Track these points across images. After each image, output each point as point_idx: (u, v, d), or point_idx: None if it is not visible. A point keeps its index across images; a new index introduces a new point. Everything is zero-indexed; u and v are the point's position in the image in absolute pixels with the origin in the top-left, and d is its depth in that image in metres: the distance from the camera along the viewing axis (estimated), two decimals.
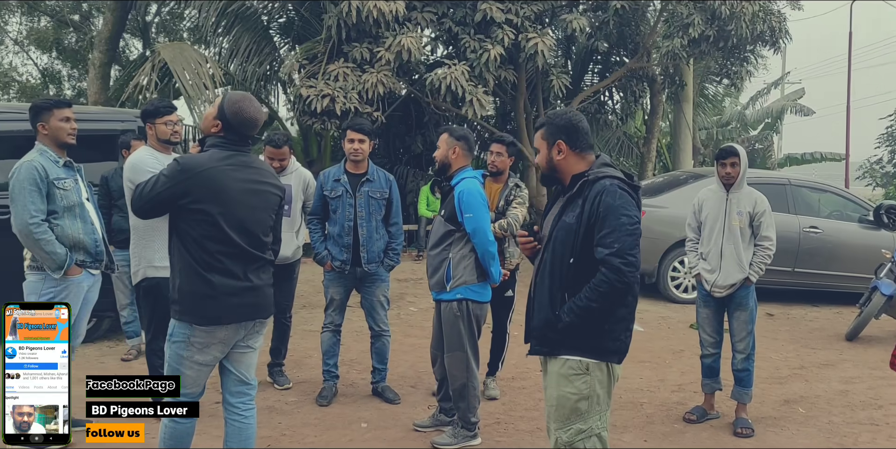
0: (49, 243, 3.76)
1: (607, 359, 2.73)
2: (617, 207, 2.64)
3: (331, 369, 5.06)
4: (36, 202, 3.74)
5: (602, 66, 12.74)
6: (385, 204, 4.92)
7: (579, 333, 2.69)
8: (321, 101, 8.53)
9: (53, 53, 16.33)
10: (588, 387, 2.69)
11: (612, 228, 2.63)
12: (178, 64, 8.60)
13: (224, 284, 3.10)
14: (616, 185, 2.69)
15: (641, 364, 6.17)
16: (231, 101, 3.15)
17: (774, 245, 4.70)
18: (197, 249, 3.07)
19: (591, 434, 2.71)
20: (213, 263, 3.08)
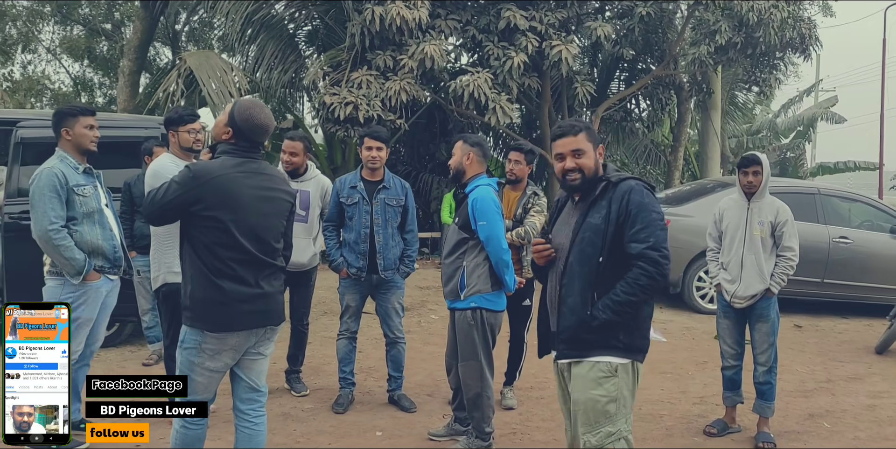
0: (68, 249, 3.79)
1: (636, 357, 2.80)
2: (647, 204, 2.75)
3: (347, 377, 5.05)
4: (56, 208, 3.78)
5: (629, 73, 12.65)
6: (401, 211, 4.92)
7: (613, 331, 2.74)
8: (344, 109, 8.57)
9: (85, 62, 16.65)
10: (616, 389, 2.74)
11: (646, 224, 2.72)
12: (203, 72, 8.70)
13: (235, 291, 3.10)
14: (641, 185, 2.82)
15: (663, 375, 6.08)
16: (241, 107, 3.16)
17: (797, 256, 4.61)
18: (208, 256, 3.08)
19: (620, 436, 2.75)
20: (224, 269, 3.08)
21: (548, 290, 2.97)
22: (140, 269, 5.59)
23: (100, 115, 4.43)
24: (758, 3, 9.51)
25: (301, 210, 5.06)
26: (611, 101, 11.52)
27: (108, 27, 15.68)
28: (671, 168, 13.00)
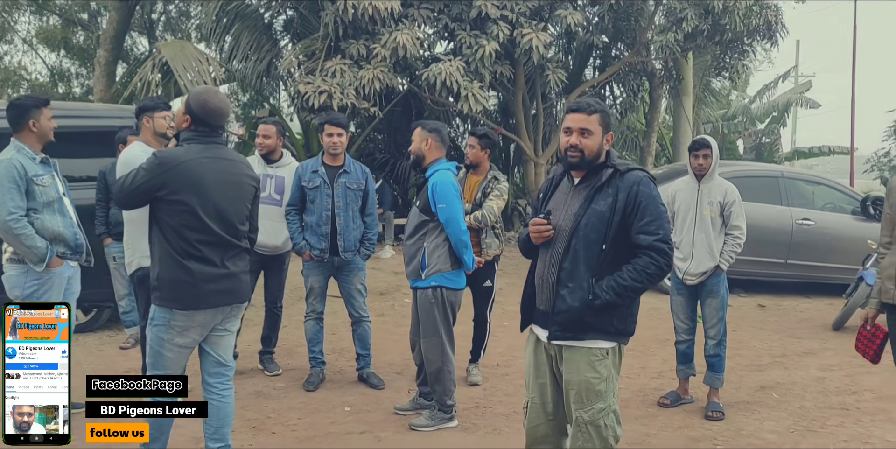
0: (29, 238, 3.86)
1: (624, 340, 2.96)
2: (655, 197, 2.84)
3: (317, 356, 5.24)
4: (15, 199, 3.82)
5: (602, 60, 12.83)
6: (361, 195, 5.09)
7: (609, 317, 2.85)
8: (318, 98, 8.70)
9: (62, 52, 16.60)
10: (607, 370, 2.88)
11: (655, 217, 2.82)
12: (178, 62, 8.79)
13: (202, 271, 3.28)
14: (648, 177, 2.90)
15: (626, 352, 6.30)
16: (196, 94, 3.35)
17: (744, 234, 4.83)
18: (175, 238, 3.25)
19: (610, 410, 2.91)
20: (190, 251, 3.26)
21: (539, 269, 3.02)
22: (115, 255, 5.74)
23: (74, 105, 4.56)
24: None
25: (276, 194, 5.25)
26: (583, 88, 11.70)
27: (84, 17, 15.67)
28: (644, 153, 13.22)
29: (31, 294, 3.96)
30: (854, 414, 4.90)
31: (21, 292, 3.96)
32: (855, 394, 5.32)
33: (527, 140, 11.59)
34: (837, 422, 4.74)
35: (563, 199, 3.01)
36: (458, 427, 4.44)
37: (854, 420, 4.78)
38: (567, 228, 2.92)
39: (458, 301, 4.47)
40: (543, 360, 3.05)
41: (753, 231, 8.74)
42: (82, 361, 5.60)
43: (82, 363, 5.52)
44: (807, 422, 4.72)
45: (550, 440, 3.08)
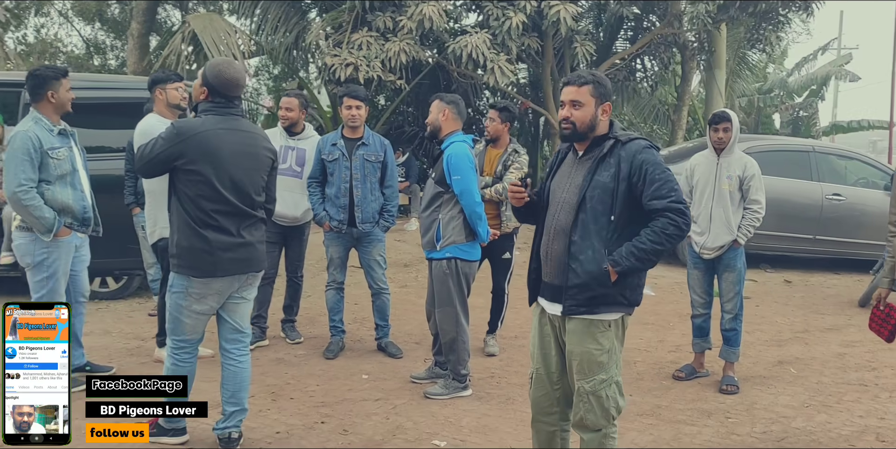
0: (37, 209, 3.94)
1: (630, 311, 2.95)
2: (659, 162, 2.83)
3: (337, 325, 5.35)
4: (27, 171, 3.89)
5: (633, 32, 12.63)
6: (380, 167, 5.15)
7: (621, 288, 2.84)
8: (345, 70, 8.73)
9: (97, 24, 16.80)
10: (609, 342, 2.89)
11: (664, 181, 2.79)
12: (207, 34, 8.87)
13: (218, 240, 3.37)
14: (650, 145, 2.89)
15: (645, 326, 6.33)
16: (211, 66, 3.41)
17: (763, 208, 4.79)
18: (193, 208, 3.34)
19: (612, 382, 2.92)
20: (207, 220, 3.35)
21: (543, 242, 3.02)
22: (143, 224, 5.87)
23: (104, 77, 4.64)
24: None
25: (297, 166, 5.32)
26: (612, 60, 11.56)
27: None
28: (675, 127, 13.04)
29: (42, 262, 4.07)
30: (872, 390, 4.87)
31: (32, 260, 4.08)
32: (875, 370, 5.29)
33: (555, 114, 11.50)
34: (854, 398, 4.72)
35: (568, 172, 3.02)
36: (473, 396, 4.52)
37: (871, 396, 4.76)
38: (572, 201, 2.92)
39: (473, 272, 4.52)
40: (549, 331, 3.09)
41: (783, 206, 8.75)
42: (112, 328, 5.80)
43: (112, 331, 5.72)
44: (823, 397, 4.72)
45: (555, 410, 3.13)
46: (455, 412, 4.27)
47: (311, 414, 4.17)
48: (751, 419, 4.32)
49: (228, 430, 3.59)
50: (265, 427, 3.96)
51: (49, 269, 4.07)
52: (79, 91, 6.07)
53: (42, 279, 4.08)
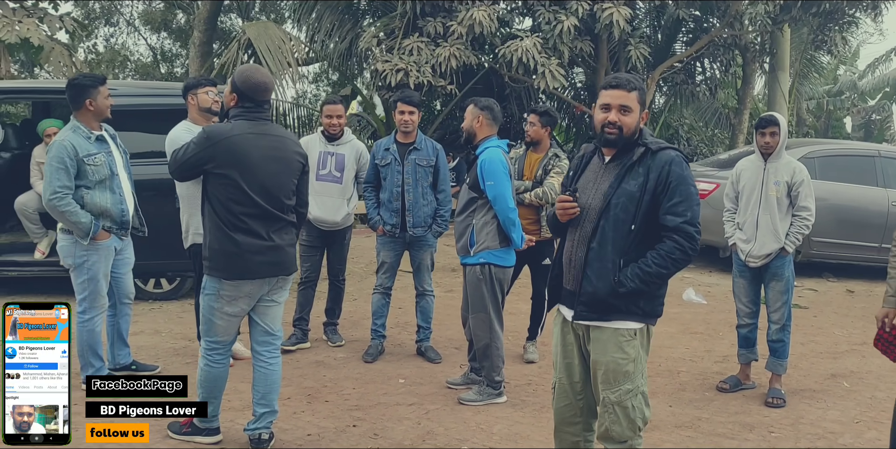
0: (73, 214, 4.06)
1: (653, 321, 2.88)
2: (686, 177, 2.76)
3: (378, 329, 5.37)
4: (62, 179, 4.02)
5: (692, 34, 12.34)
6: (432, 171, 5.16)
7: (635, 299, 2.79)
8: (395, 76, 8.80)
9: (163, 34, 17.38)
10: (636, 351, 2.84)
11: (684, 198, 2.74)
12: (262, 42, 9.07)
13: (248, 243, 3.42)
14: (681, 157, 2.82)
15: (693, 335, 6.17)
16: (239, 72, 3.48)
17: (813, 215, 4.62)
18: (223, 211, 3.41)
19: (638, 392, 2.87)
20: (237, 223, 3.41)
21: (567, 248, 2.98)
22: None
23: (155, 84, 4.74)
24: None
25: (336, 172, 5.38)
26: (668, 63, 11.32)
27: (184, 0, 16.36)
28: (736, 131, 12.70)
29: (82, 264, 4.21)
30: None
31: (73, 261, 4.22)
32: None
33: None
34: None
35: (594, 178, 2.95)
36: (507, 403, 4.47)
37: None
38: (597, 207, 2.86)
39: (507, 278, 4.48)
40: (571, 339, 3.02)
41: (846, 213, 8.42)
42: (162, 328, 5.96)
43: (162, 331, 5.87)
44: (875, 413, 4.51)
45: (578, 420, 3.07)
46: (487, 419, 4.23)
47: (344, 417, 4.19)
48: (795, 434, 4.15)
49: (259, 431, 3.64)
50: (297, 429, 4.00)
51: (89, 271, 4.21)
52: (131, 98, 6.44)
53: (83, 281, 4.22)
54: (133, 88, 7.20)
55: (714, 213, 8.51)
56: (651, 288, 2.77)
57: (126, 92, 6.68)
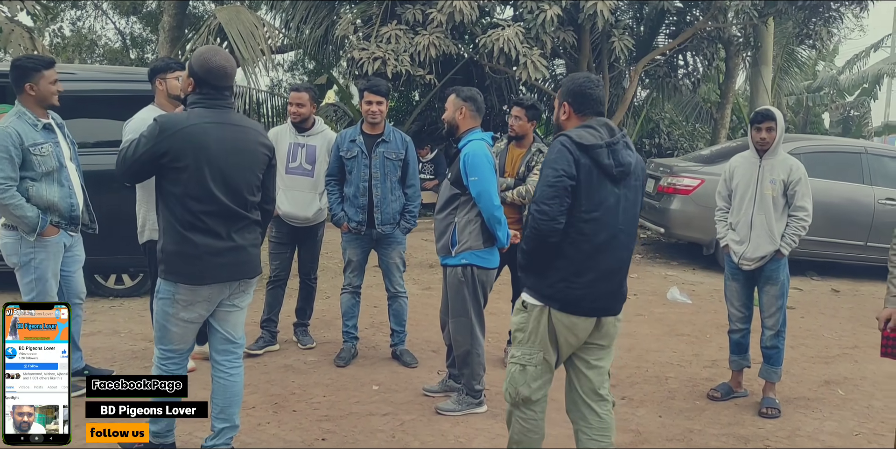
0: (18, 208, 3.73)
1: (546, 302, 2.95)
2: (549, 161, 2.89)
3: (350, 331, 5.09)
4: (5, 170, 3.69)
5: (675, 27, 12.09)
6: (401, 165, 4.86)
7: (527, 273, 3.03)
8: (372, 64, 8.46)
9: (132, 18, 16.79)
10: (524, 321, 3.00)
11: (540, 180, 2.92)
12: (233, 27, 8.66)
13: (206, 244, 3.11)
14: (559, 142, 2.89)
15: (679, 337, 5.95)
16: (196, 55, 3.16)
17: (810, 216, 4.39)
18: (179, 209, 3.09)
19: (518, 363, 3.04)
20: (194, 222, 3.09)
21: None
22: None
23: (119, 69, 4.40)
24: None
25: (307, 164, 5.07)
26: (652, 56, 11.07)
27: None
28: (718, 126, 12.50)
29: (28, 262, 3.87)
30: None
31: (18, 259, 3.88)
32: None
33: None
34: None
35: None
36: (487, 413, 4.21)
37: None
38: None
39: (490, 281, 4.20)
40: None
41: (832, 210, 8.25)
42: (121, 327, 5.62)
43: (121, 331, 5.53)
44: (874, 424, 4.31)
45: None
46: (467, 431, 3.97)
47: (313, 429, 3.90)
48: (792, 448, 3.93)
49: (218, 448, 3.33)
50: (261, 442, 3.71)
51: (36, 270, 3.86)
52: (92, 83, 6.08)
53: (30, 281, 3.88)
54: (94, 73, 6.83)
55: (698, 210, 8.36)
56: (526, 261, 3.00)
57: (86, 77, 6.36)
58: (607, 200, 2.87)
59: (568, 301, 2.91)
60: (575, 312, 2.92)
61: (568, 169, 2.80)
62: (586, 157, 2.82)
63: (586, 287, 2.90)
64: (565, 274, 2.89)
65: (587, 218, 2.85)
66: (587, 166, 2.82)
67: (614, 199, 2.88)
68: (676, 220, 8.59)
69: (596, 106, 2.99)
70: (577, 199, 2.83)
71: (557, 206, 2.80)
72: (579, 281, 2.89)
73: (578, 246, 2.87)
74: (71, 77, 5.94)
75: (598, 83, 3.02)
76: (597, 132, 2.89)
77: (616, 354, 5.41)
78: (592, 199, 2.84)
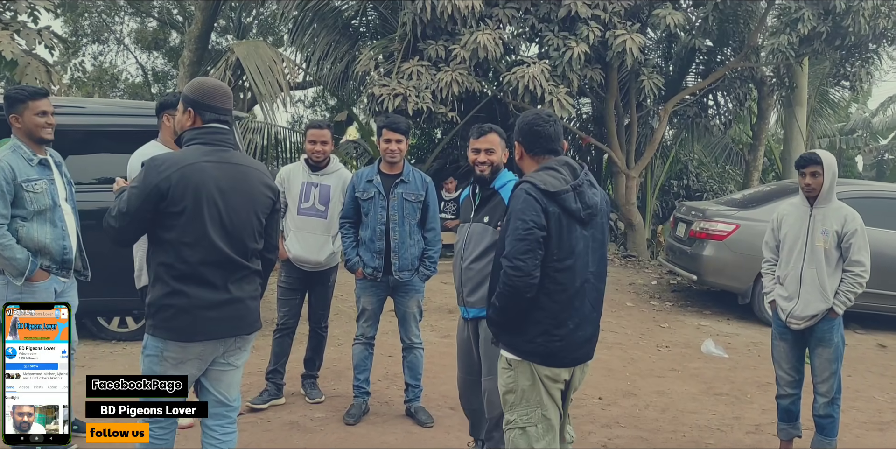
0: (7, 248, 3.45)
1: (528, 358, 2.83)
2: (516, 212, 2.74)
3: (361, 385, 4.72)
4: None
5: (705, 66, 11.83)
6: (421, 207, 4.54)
7: (502, 329, 2.87)
8: (393, 101, 8.23)
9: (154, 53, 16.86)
10: (513, 381, 2.85)
11: (509, 232, 2.75)
12: (251, 62, 8.50)
13: (200, 296, 2.80)
14: (523, 190, 2.75)
15: (717, 397, 5.49)
16: (188, 85, 2.93)
17: (867, 271, 3.98)
18: (172, 257, 2.78)
19: (515, 427, 2.86)
20: (189, 271, 2.78)
21: None
22: None
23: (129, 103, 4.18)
24: None
25: (320, 205, 4.77)
26: (682, 95, 10.77)
27: (179, 19, 15.86)
28: (750, 168, 12.10)
29: None
30: None
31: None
32: None
33: (618, 151, 10.78)
34: None
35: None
36: None
37: None
38: None
39: None
40: None
41: (875, 259, 7.67)
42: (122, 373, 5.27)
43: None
44: None
45: None
46: None
47: None
48: None
49: None
50: None
51: None
52: (100, 118, 5.87)
53: None
54: (103, 107, 6.63)
55: (733, 256, 7.95)
56: (499, 318, 2.83)
57: (96, 110, 6.16)
58: (578, 246, 2.77)
59: (549, 354, 2.81)
60: (557, 364, 2.83)
61: (537, 220, 2.69)
62: (554, 205, 2.72)
63: (566, 337, 2.81)
64: (545, 327, 2.79)
65: (560, 267, 2.75)
66: (556, 214, 2.72)
67: (584, 244, 2.80)
68: (709, 267, 8.15)
69: (548, 143, 2.90)
70: (549, 249, 2.72)
71: (531, 260, 2.69)
72: (558, 333, 2.80)
73: (554, 296, 2.76)
74: (79, 111, 5.77)
75: (549, 119, 2.93)
76: (560, 174, 2.78)
77: (650, 415, 5.02)
78: (563, 246, 2.74)
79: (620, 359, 6.40)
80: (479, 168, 3.76)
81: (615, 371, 5.95)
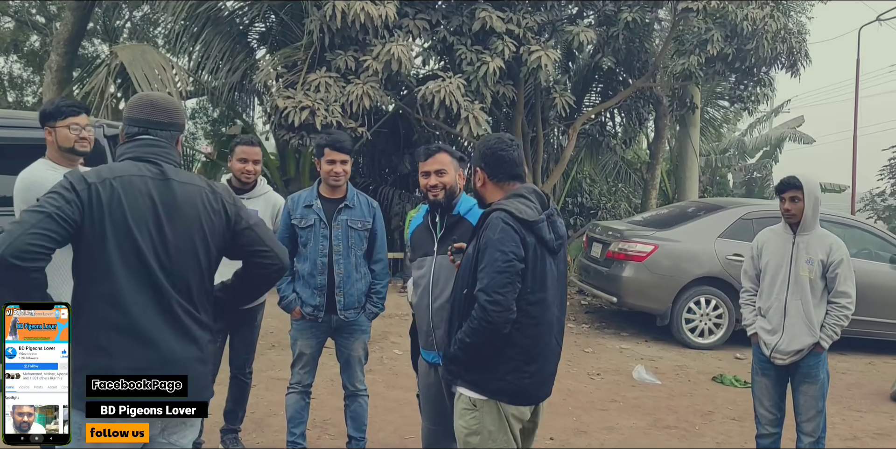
0: None
1: (495, 397, 2.66)
2: (494, 242, 2.57)
3: (297, 440, 4.09)
4: None
5: (604, 85, 11.90)
6: (367, 236, 3.99)
7: (467, 367, 2.67)
8: (299, 114, 7.58)
9: (12, 57, 15.23)
10: (478, 423, 2.67)
11: (486, 264, 2.57)
12: (138, 68, 7.60)
13: (127, 355, 2.24)
14: (500, 218, 2.60)
15: (666, 430, 5.23)
16: (129, 102, 2.30)
17: (853, 303, 3.81)
18: (95, 298, 2.15)
19: None
20: (113, 320, 2.16)
21: None
22: None
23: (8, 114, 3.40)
24: (753, 11, 8.81)
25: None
26: (589, 114, 10.75)
27: (41, 20, 14.38)
28: (648, 187, 12.24)
29: None
30: None
31: None
32: None
33: (526, 169, 10.55)
34: None
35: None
36: None
37: None
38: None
39: None
40: None
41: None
42: None
43: None
44: None
45: None
46: None
47: None
48: None
49: None
50: None
51: None
52: None
53: None
54: None
55: (653, 278, 7.84)
56: (466, 355, 2.64)
57: None
58: (547, 277, 2.64)
59: (517, 392, 2.66)
60: (524, 402, 2.70)
61: (517, 251, 2.54)
62: (531, 235, 2.58)
63: (535, 374, 2.67)
64: (517, 363, 2.63)
65: (533, 299, 2.60)
66: (532, 244, 2.58)
67: (552, 275, 2.67)
68: (629, 289, 8.00)
69: (512, 169, 2.77)
70: (524, 281, 2.58)
71: (511, 294, 2.54)
72: (529, 369, 2.65)
73: (526, 331, 2.61)
74: None
75: (511, 144, 2.79)
76: (531, 202, 2.65)
77: None
78: (536, 278, 2.60)
79: (558, 391, 5.96)
80: (432, 193, 3.27)
81: (556, 405, 5.58)
